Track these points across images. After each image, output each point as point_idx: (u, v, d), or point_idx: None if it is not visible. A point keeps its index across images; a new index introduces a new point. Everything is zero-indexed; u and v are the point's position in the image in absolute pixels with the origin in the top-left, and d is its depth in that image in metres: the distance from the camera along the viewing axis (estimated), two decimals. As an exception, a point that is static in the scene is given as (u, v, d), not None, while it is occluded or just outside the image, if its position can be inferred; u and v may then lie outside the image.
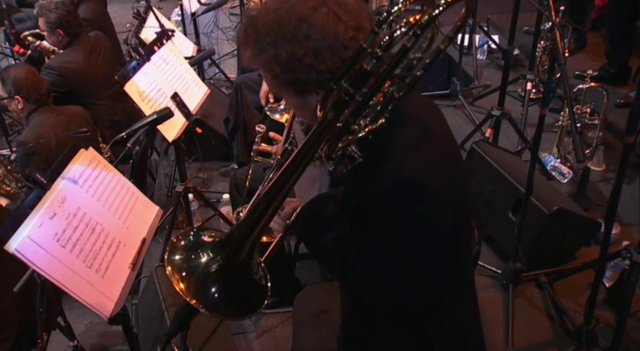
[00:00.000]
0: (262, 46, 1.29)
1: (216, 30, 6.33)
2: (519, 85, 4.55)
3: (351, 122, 1.21)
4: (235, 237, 1.30)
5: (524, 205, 2.66)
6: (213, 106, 4.08)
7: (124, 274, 1.68)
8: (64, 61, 3.69)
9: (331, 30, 1.25)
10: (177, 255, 1.32)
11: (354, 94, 1.16)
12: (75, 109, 3.41)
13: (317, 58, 1.25)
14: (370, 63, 1.12)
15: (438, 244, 1.33)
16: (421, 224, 1.28)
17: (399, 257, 1.31)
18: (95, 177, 1.76)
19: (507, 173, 3.01)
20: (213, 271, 1.29)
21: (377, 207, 1.30)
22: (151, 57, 2.73)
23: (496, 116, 3.70)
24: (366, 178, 1.33)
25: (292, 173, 1.24)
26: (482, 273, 2.98)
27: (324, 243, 1.42)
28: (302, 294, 2.08)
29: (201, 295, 1.27)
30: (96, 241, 1.63)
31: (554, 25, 2.38)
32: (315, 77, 1.28)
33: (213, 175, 4.06)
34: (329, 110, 1.19)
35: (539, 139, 2.57)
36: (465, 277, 1.56)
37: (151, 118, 2.29)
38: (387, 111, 1.22)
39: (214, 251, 1.31)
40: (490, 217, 3.10)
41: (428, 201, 1.26)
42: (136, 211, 1.86)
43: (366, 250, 1.35)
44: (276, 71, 1.30)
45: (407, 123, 1.32)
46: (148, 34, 4.05)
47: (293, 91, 1.35)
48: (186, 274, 1.28)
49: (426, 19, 1.08)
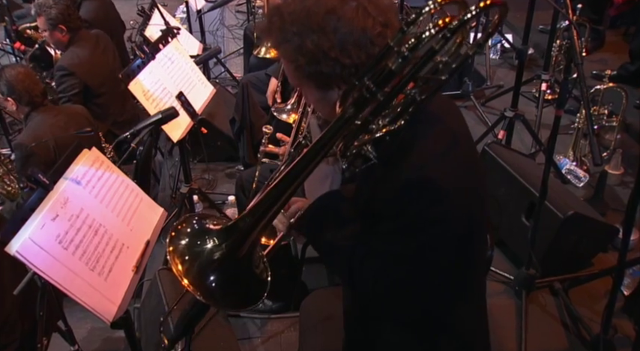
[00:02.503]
0: (287, 36, 1.30)
1: (222, 28, 6.35)
2: (534, 86, 4.53)
3: (370, 121, 1.22)
4: (241, 227, 1.30)
5: (538, 209, 2.64)
6: (219, 106, 4.09)
7: (128, 277, 1.69)
8: (71, 59, 3.71)
9: (359, 24, 1.26)
10: (181, 239, 1.33)
11: (375, 93, 1.16)
12: (74, 109, 3.43)
13: (342, 52, 1.27)
14: (396, 62, 1.12)
15: (451, 246, 1.33)
16: (435, 225, 1.28)
17: (409, 257, 1.31)
18: (98, 178, 1.76)
19: (521, 176, 3.00)
20: (216, 259, 1.29)
21: (390, 205, 1.30)
22: (155, 55, 2.74)
23: (509, 118, 3.69)
24: (380, 177, 1.33)
25: (305, 167, 1.25)
26: (494, 279, 2.97)
27: (332, 239, 1.43)
28: (309, 299, 2.08)
29: (200, 281, 1.27)
30: (99, 243, 1.64)
31: (571, 23, 2.37)
32: (339, 71, 1.29)
33: (218, 176, 4.06)
34: (349, 107, 1.19)
35: (554, 141, 2.55)
36: (476, 281, 1.56)
37: (156, 118, 2.30)
38: (407, 113, 1.23)
39: (219, 238, 1.31)
40: (503, 221, 3.09)
41: (443, 201, 1.26)
42: (139, 213, 1.87)
43: (375, 248, 1.35)
44: (300, 62, 1.31)
45: (426, 122, 1.32)
46: (153, 32, 4.08)
47: (314, 85, 1.36)
48: (188, 258, 1.29)
49: (456, 23, 1.07)
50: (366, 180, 1.43)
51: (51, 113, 3.21)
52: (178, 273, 1.26)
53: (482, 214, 1.42)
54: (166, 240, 1.31)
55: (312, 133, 1.55)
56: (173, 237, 1.33)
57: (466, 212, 1.32)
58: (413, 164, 1.28)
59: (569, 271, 2.94)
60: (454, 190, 1.27)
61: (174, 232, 1.34)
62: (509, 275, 2.96)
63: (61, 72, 3.63)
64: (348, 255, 1.40)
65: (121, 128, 3.79)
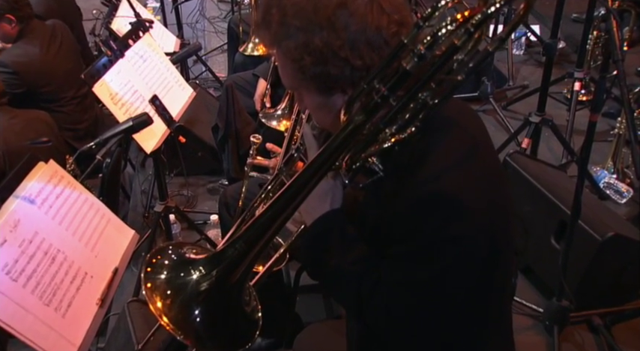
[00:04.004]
0: (289, 31, 1.30)
1: (203, 20, 6.37)
2: (565, 86, 4.57)
3: (381, 129, 1.23)
4: (230, 255, 1.30)
5: (571, 230, 2.63)
6: (200, 111, 4.09)
7: (91, 311, 1.68)
8: (17, 56, 3.68)
9: (373, 22, 1.28)
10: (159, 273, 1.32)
11: (387, 97, 1.17)
12: (35, 114, 3.42)
13: (354, 52, 1.28)
14: (411, 61, 1.13)
15: (473, 272, 1.33)
16: (454, 248, 1.28)
17: (425, 286, 1.32)
18: (57, 195, 1.75)
19: (549, 191, 2.99)
20: (203, 290, 1.29)
21: (401, 225, 1.30)
22: (124, 52, 2.73)
23: (535, 123, 3.70)
24: (388, 192, 1.33)
25: (306, 184, 1.25)
26: (520, 311, 2.95)
27: (336, 267, 1.43)
28: (304, 333, 2.10)
29: (184, 318, 1.27)
30: (56, 272, 1.62)
31: (610, 11, 2.35)
32: (348, 73, 1.30)
33: (199, 192, 4.07)
34: (357, 113, 1.20)
35: (588, 150, 2.55)
36: (502, 311, 1.56)
37: (126, 126, 2.29)
38: (417, 119, 1.23)
39: (207, 267, 1.31)
40: (529, 244, 3.08)
41: (463, 220, 1.27)
42: (106, 236, 1.87)
43: (386, 275, 1.35)
44: (305, 62, 1.31)
45: (439, 129, 1.33)
46: (121, 25, 4.06)
47: (316, 88, 1.36)
48: (170, 292, 1.29)
49: (480, 17, 1.08)
50: (373, 195, 1.43)
51: (5, 116, 3.19)
52: (158, 312, 1.25)
53: (507, 232, 1.42)
54: (141, 275, 1.31)
55: (307, 144, 1.56)
56: (150, 272, 1.32)
57: (489, 231, 1.32)
58: (426, 177, 1.28)
59: (611, 303, 2.91)
60: (476, 206, 1.28)
61: (150, 267, 1.33)
62: (538, 307, 2.95)
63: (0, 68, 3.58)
64: (356, 283, 1.40)
65: (82, 137, 3.76)
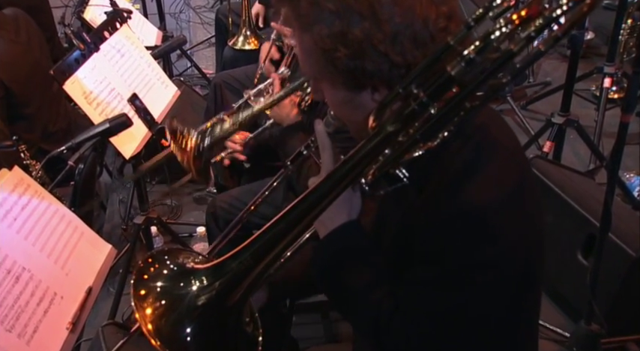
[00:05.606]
0: (322, 15, 1.25)
1: (188, 10, 6.38)
2: (593, 82, 4.57)
3: (417, 140, 1.21)
4: (233, 268, 1.29)
5: (600, 245, 2.62)
6: (185, 112, 4.09)
7: (60, 337, 1.67)
8: None
9: (421, 14, 1.24)
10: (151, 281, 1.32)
11: (427, 104, 1.15)
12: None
13: (395, 47, 1.24)
14: (457, 67, 1.11)
15: (504, 299, 1.33)
16: (484, 273, 1.28)
17: (451, 314, 1.32)
18: (22, 206, 1.75)
19: (575, 201, 3.00)
20: (201, 304, 1.28)
21: (426, 245, 1.30)
22: (99, 46, 2.72)
23: (559, 124, 3.69)
24: (412, 205, 1.33)
25: (323, 197, 1.24)
26: (544, 335, 2.94)
27: (352, 288, 1.42)
28: None
29: (177, 337, 1.27)
30: (21, 293, 1.62)
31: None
32: (386, 70, 1.26)
33: (184, 201, 4.09)
34: (389, 121, 1.19)
35: (620, 154, 2.54)
36: (530, 340, 1.56)
37: (102, 128, 2.28)
38: (451, 125, 1.21)
39: (209, 278, 1.31)
40: (552, 260, 3.07)
41: (496, 242, 1.26)
42: (79, 252, 1.86)
43: (408, 301, 1.35)
44: (339, 54, 1.26)
45: (470, 135, 1.31)
46: (95, 15, 4.05)
47: (344, 83, 1.32)
48: (165, 303, 1.29)
49: (542, 22, 1.09)
50: (393, 206, 1.43)
51: None
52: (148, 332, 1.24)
53: (542, 255, 1.43)
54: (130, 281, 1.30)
55: (320, 144, 1.54)
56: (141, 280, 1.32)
57: (523, 254, 1.32)
58: (456, 192, 1.26)
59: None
60: (510, 226, 1.27)
61: (144, 275, 1.33)
62: (564, 332, 2.95)
63: None
64: (375, 308, 1.40)
65: (52, 141, 3.75)
